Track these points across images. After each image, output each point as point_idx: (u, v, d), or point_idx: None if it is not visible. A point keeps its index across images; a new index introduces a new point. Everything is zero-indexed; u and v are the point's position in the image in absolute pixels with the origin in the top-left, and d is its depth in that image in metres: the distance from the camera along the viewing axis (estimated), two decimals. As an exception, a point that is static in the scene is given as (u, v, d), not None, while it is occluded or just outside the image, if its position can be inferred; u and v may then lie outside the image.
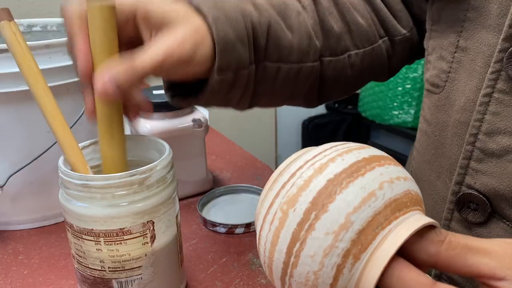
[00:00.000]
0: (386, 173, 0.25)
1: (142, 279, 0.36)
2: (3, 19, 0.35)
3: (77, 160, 0.36)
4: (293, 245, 0.24)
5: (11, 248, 0.48)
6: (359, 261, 0.23)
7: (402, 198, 0.25)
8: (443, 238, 0.24)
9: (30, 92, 0.45)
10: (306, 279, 0.24)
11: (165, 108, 0.52)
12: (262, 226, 0.26)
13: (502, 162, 0.37)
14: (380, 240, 0.23)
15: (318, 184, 0.24)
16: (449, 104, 0.42)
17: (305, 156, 0.26)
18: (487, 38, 0.37)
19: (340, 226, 0.23)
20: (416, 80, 1.46)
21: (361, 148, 0.27)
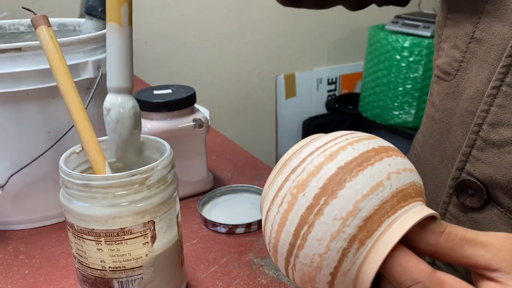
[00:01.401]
0: (394, 164, 0.26)
1: (143, 279, 0.36)
2: (41, 24, 0.37)
3: (97, 156, 0.37)
4: (301, 228, 0.25)
5: (12, 248, 0.48)
6: (364, 247, 0.24)
7: (407, 189, 0.25)
8: (443, 229, 0.25)
9: (30, 92, 0.45)
10: (311, 261, 0.25)
11: (166, 108, 0.52)
12: (270, 207, 0.27)
13: (502, 153, 0.38)
14: (385, 228, 0.24)
15: (328, 171, 0.25)
16: (458, 92, 0.43)
17: (315, 143, 0.27)
18: (503, 32, 0.38)
19: (348, 213, 0.24)
20: (417, 80, 1.46)
21: (370, 138, 0.28)
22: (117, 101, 0.37)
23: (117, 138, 0.38)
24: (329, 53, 1.78)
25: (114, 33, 0.36)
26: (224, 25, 1.53)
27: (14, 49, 0.44)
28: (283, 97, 1.72)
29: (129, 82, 0.37)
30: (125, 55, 0.36)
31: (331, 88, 1.82)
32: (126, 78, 0.37)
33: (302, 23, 1.67)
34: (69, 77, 0.38)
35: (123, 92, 0.37)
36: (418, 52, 1.44)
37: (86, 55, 0.48)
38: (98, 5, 0.52)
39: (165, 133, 0.52)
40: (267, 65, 1.66)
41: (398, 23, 1.52)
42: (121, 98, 0.37)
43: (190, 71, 1.51)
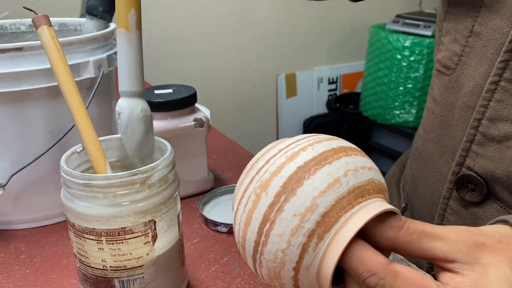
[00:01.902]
0: (352, 162, 0.27)
1: (144, 278, 0.36)
2: (42, 24, 0.37)
3: (98, 155, 0.37)
4: (264, 225, 0.26)
5: (13, 247, 0.48)
6: (323, 241, 0.25)
7: (365, 185, 0.27)
8: (402, 224, 0.26)
9: (31, 91, 0.45)
10: (275, 257, 0.26)
11: (167, 108, 0.52)
12: (237, 208, 0.28)
13: (501, 147, 0.39)
14: (342, 222, 0.25)
15: (289, 170, 0.26)
16: (458, 86, 0.43)
17: (279, 146, 0.29)
18: (501, 26, 0.38)
19: (306, 209, 0.25)
20: (418, 79, 1.46)
21: (331, 140, 0.29)
22: (127, 104, 0.38)
23: (128, 140, 0.38)
24: (330, 52, 1.77)
25: (123, 39, 0.37)
26: (225, 25, 1.53)
27: (15, 48, 0.44)
28: (284, 97, 1.72)
29: (139, 86, 0.38)
30: (134, 59, 0.37)
31: (332, 88, 1.82)
32: (136, 82, 0.38)
33: (303, 23, 1.67)
34: (70, 76, 0.38)
35: (133, 96, 0.38)
36: (419, 51, 1.44)
37: (87, 54, 0.48)
38: (99, 5, 0.52)
39: (166, 132, 0.52)
40: (268, 65, 1.66)
41: (399, 23, 1.52)
42: (131, 101, 0.38)
43: (191, 70, 1.51)
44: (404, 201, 0.55)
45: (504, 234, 0.27)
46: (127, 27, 0.36)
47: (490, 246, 0.26)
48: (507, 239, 0.26)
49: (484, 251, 0.26)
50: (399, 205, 0.56)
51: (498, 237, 0.26)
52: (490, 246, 0.26)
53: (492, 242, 0.26)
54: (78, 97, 0.38)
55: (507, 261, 0.25)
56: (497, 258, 0.25)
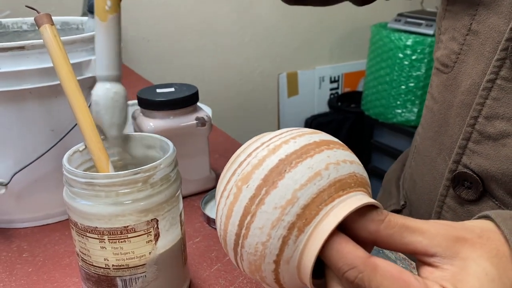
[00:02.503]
0: (333, 155, 0.27)
1: (146, 277, 0.36)
2: (44, 22, 0.37)
3: (100, 154, 0.37)
4: (245, 218, 0.26)
5: (15, 246, 0.48)
6: (303, 234, 0.25)
7: (346, 179, 0.26)
8: (383, 217, 0.26)
9: (33, 90, 0.45)
10: (255, 250, 0.26)
11: (169, 107, 0.52)
12: (219, 201, 0.28)
13: (497, 145, 0.39)
14: (323, 215, 0.25)
15: (270, 163, 0.26)
16: (455, 84, 0.43)
17: (262, 139, 0.29)
18: (498, 25, 0.38)
19: (287, 201, 0.25)
20: (419, 78, 1.46)
21: (313, 133, 0.29)
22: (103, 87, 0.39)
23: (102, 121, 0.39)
24: (332, 51, 1.77)
25: (97, 27, 0.38)
26: (226, 24, 1.53)
27: (17, 47, 0.44)
28: (285, 96, 1.72)
29: (114, 70, 0.39)
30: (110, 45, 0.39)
31: (334, 87, 1.82)
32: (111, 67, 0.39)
33: (304, 21, 1.67)
34: (72, 75, 0.38)
35: (108, 80, 0.39)
36: (421, 50, 1.44)
37: (89, 53, 0.48)
38: (100, 4, 0.52)
39: (167, 131, 0.52)
40: (270, 64, 1.66)
41: (401, 21, 1.52)
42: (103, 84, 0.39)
43: (192, 69, 1.51)
44: (403, 199, 0.55)
45: (485, 228, 0.27)
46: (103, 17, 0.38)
47: (470, 241, 0.26)
48: (488, 234, 0.27)
49: (465, 246, 0.26)
50: (398, 203, 0.56)
51: (479, 231, 0.27)
52: (471, 241, 0.26)
53: (473, 236, 0.26)
54: (80, 96, 0.38)
55: (487, 255, 0.25)
56: (477, 252, 0.25)
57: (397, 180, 0.60)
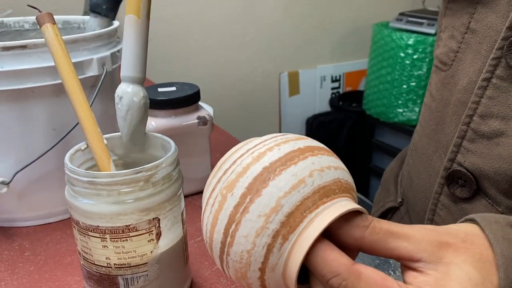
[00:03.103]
0: (317, 162, 0.27)
1: (148, 276, 0.36)
2: (46, 22, 0.37)
3: (102, 153, 0.37)
4: (230, 226, 0.26)
5: (17, 245, 0.48)
6: (288, 242, 0.25)
7: (331, 185, 0.27)
8: (368, 223, 0.26)
9: (35, 89, 0.45)
10: (241, 258, 0.26)
11: (170, 106, 0.52)
12: (205, 209, 0.28)
13: (491, 144, 0.39)
14: (307, 222, 0.25)
15: (254, 171, 0.26)
16: (453, 82, 0.43)
17: (247, 146, 0.29)
18: (496, 24, 0.38)
19: (271, 209, 0.25)
20: (421, 78, 1.46)
21: (298, 139, 0.28)
22: (129, 89, 0.38)
23: (127, 125, 0.38)
24: (333, 50, 1.77)
25: (131, 25, 0.37)
26: (228, 23, 1.53)
27: (19, 46, 0.44)
28: (286, 95, 1.72)
29: (142, 73, 0.38)
30: (140, 47, 0.37)
31: (335, 86, 1.82)
32: (139, 69, 0.38)
33: (305, 20, 1.67)
34: (74, 74, 0.38)
35: (135, 82, 0.38)
36: (423, 49, 1.44)
37: (91, 52, 0.48)
38: (102, 3, 0.52)
39: (169, 130, 0.52)
40: (271, 63, 1.66)
41: (402, 21, 1.51)
42: (133, 87, 0.38)
43: (194, 68, 1.51)
44: (400, 196, 0.56)
45: (469, 233, 0.27)
46: (138, 14, 0.36)
47: (454, 245, 0.26)
48: (472, 238, 0.27)
49: (448, 250, 0.26)
50: (396, 200, 0.56)
51: (463, 236, 0.27)
52: (455, 245, 0.26)
53: (456, 241, 0.26)
54: (82, 95, 0.38)
55: (470, 260, 0.26)
56: (461, 257, 0.26)
57: (395, 177, 0.60)
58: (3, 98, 0.45)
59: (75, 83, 0.38)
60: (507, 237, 0.27)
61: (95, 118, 0.38)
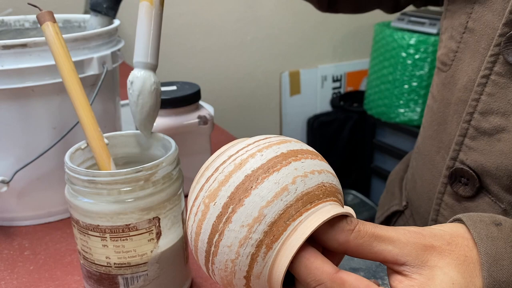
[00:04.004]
0: (300, 167, 0.26)
1: (148, 275, 0.36)
2: (46, 20, 0.37)
3: (102, 152, 0.37)
4: (213, 236, 0.26)
5: (17, 244, 0.48)
6: (272, 250, 0.25)
7: (314, 191, 0.26)
8: (353, 227, 0.26)
9: (36, 88, 0.45)
10: (225, 267, 0.26)
11: (171, 105, 0.52)
12: (189, 216, 0.28)
13: (492, 140, 0.39)
14: (291, 231, 0.25)
15: (237, 179, 0.26)
16: (453, 82, 0.44)
17: (229, 151, 0.28)
18: (492, 22, 0.39)
19: (254, 219, 0.25)
20: (422, 78, 1.45)
21: (281, 143, 0.28)
22: (140, 74, 0.38)
23: (138, 111, 0.38)
24: (334, 50, 1.77)
25: (145, 12, 0.37)
26: (229, 22, 1.53)
27: (20, 45, 0.44)
28: (287, 94, 1.72)
29: (154, 59, 0.39)
30: (153, 34, 0.38)
31: (336, 86, 1.82)
32: (152, 55, 0.38)
33: (307, 20, 1.66)
34: (75, 73, 0.38)
35: (147, 68, 0.38)
36: (424, 49, 1.43)
37: (91, 51, 0.48)
38: (103, 1, 0.52)
39: (170, 129, 0.51)
40: (272, 62, 1.66)
41: (404, 20, 1.51)
42: (145, 73, 0.38)
43: (195, 68, 1.51)
44: (405, 199, 0.56)
45: (454, 234, 0.27)
46: (151, 1, 0.37)
47: (439, 248, 0.26)
48: (457, 240, 0.27)
49: (433, 254, 0.26)
50: (401, 203, 0.56)
51: (448, 238, 0.27)
52: (439, 248, 0.26)
53: (441, 244, 0.26)
54: (82, 94, 0.37)
55: (454, 263, 0.26)
56: (445, 260, 0.26)
57: (400, 180, 0.60)
58: (3, 97, 0.45)
59: (76, 82, 0.37)
60: (491, 235, 0.27)
61: (95, 117, 0.38)
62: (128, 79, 0.38)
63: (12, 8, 0.95)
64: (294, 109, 1.74)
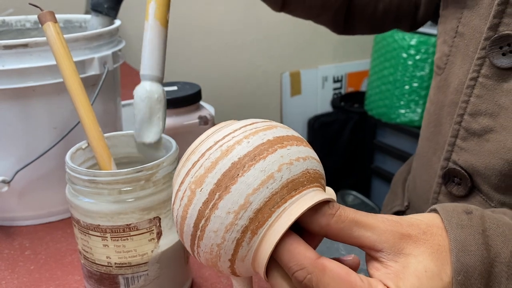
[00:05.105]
0: (286, 155, 0.27)
1: (149, 275, 0.36)
2: (48, 20, 0.37)
3: (103, 152, 0.37)
4: (199, 221, 0.26)
5: (17, 244, 0.48)
6: (256, 236, 0.26)
7: (299, 178, 0.27)
8: (335, 211, 0.27)
9: (37, 88, 0.45)
10: (211, 250, 0.27)
11: (172, 105, 0.52)
12: (174, 201, 0.28)
13: (481, 141, 0.41)
14: (275, 217, 0.26)
15: (223, 166, 0.26)
16: (446, 85, 0.45)
17: (215, 136, 0.28)
18: (479, 26, 0.41)
19: (240, 206, 0.26)
20: (423, 78, 1.45)
21: (267, 129, 0.28)
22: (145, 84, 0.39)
23: (139, 118, 0.39)
24: (335, 50, 1.77)
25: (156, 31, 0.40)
26: (230, 23, 1.53)
27: (21, 45, 0.44)
28: (288, 95, 1.72)
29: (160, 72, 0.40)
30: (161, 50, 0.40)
31: (337, 86, 1.82)
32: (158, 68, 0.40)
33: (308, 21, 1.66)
34: (76, 73, 0.38)
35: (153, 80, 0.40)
36: (425, 50, 1.43)
37: (92, 51, 0.48)
38: (104, 2, 0.52)
39: (170, 129, 0.52)
40: (272, 63, 1.66)
41: (405, 21, 1.51)
42: (150, 83, 0.39)
43: (195, 68, 1.51)
44: (407, 200, 0.57)
45: (430, 224, 0.28)
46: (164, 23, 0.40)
47: (415, 237, 0.27)
48: (432, 229, 0.28)
49: (409, 242, 0.27)
50: (403, 204, 0.57)
51: (424, 227, 0.28)
52: (415, 237, 0.27)
53: (417, 233, 0.27)
54: (83, 94, 0.38)
55: (428, 252, 0.27)
56: (420, 249, 0.27)
57: (403, 181, 0.62)
58: (4, 97, 0.45)
59: (77, 82, 0.37)
60: (461, 223, 0.28)
61: (96, 117, 0.38)
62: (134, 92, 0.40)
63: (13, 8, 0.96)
64: (295, 110, 1.74)
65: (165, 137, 0.39)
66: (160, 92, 0.39)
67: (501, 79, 0.39)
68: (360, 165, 1.70)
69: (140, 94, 0.39)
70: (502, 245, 0.27)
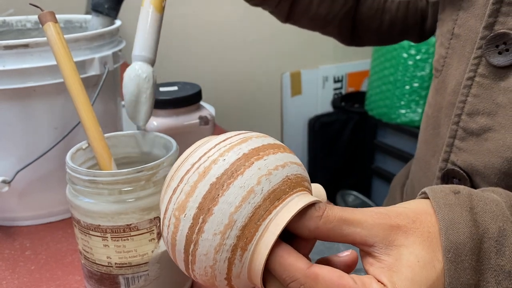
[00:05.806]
0: (264, 166, 0.27)
1: (149, 275, 0.36)
2: (48, 20, 0.37)
3: (103, 152, 0.37)
4: (189, 247, 0.26)
5: (18, 244, 0.48)
6: (247, 252, 0.26)
7: (280, 186, 0.27)
8: (321, 213, 0.27)
9: (37, 88, 0.45)
10: (205, 272, 0.27)
11: (172, 105, 0.52)
12: (162, 228, 0.28)
13: (479, 140, 0.41)
14: (262, 230, 0.26)
15: (202, 189, 0.26)
16: (444, 87, 0.46)
17: (191, 159, 0.28)
18: (475, 26, 0.41)
19: (225, 226, 0.26)
20: (424, 78, 1.45)
21: (242, 142, 0.28)
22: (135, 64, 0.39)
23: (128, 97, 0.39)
24: (335, 50, 1.77)
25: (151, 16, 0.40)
26: (230, 23, 1.53)
27: (21, 45, 0.44)
28: (288, 95, 1.72)
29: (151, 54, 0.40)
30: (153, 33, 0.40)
31: (337, 86, 1.82)
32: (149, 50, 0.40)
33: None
34: (76, 73, 0.38)
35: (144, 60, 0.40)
36: (426, 50, 1.43)
37: (92, 51, 0.48)
38: (104, 2, 0.52)
39: (171, 130, 0.52)
40: (273, 63, 1.66)
41: (405, 21, 1.51)
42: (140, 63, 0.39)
43: (196, 68, 1.51)
44: None
45: (418, 211, 0.28)
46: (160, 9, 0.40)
47: (404, 227, 0.27)
48: (420, 217, 0.27)
49: (399, 233, 0.27)
50: None
51: (413, 215, 0.27)
52: (404, 227, 0.27)
53: (407, 222, 0.27)
54: (84, 94, 0.38)
55: (419, 240, 0.27)
56: (410, 238, 0.27)
57: (401, 186, 0.62)
58: (5, 97, 0.45)
59: (77, 82, 0.37)
60: (449, 202, 0.28)
61: (96, 117, 0.38)
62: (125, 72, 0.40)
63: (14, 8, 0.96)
64: (295, 110, 1.74)
65: (166, 137, 0.39)
66: (149, 72, 0.39)
67: (498, 78, 0.39)
68: (360, 165, 1.70)
69: (129, 73, 0.39)
70: (490, 221, 0.27)
